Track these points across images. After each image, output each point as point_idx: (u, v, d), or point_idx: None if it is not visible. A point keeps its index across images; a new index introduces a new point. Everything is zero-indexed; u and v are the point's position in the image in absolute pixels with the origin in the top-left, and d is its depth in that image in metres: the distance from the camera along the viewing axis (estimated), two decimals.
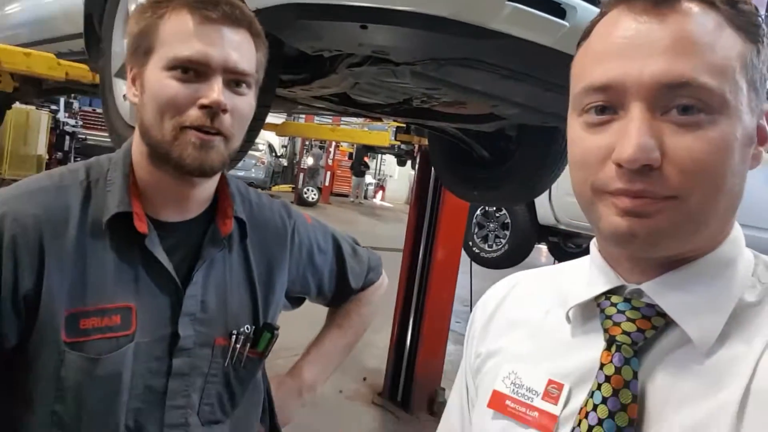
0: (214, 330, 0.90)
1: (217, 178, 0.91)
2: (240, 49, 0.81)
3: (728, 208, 0.53)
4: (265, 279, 0.98)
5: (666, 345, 0.54)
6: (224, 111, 0.79)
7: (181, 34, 0.79)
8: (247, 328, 0.94)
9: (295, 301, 1.12)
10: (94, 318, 0.81)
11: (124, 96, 0.87)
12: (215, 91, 0.78)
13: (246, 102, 0.84)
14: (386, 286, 1.23)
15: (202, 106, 0.78)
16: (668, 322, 0.54)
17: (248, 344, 0.94)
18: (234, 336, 0.92)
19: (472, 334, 0.73)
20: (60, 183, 0.84)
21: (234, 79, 0.81)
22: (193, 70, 0.79)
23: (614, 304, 0.56)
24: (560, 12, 1.27)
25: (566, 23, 1.27)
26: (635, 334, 0.54)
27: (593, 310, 0.59)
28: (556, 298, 0.64)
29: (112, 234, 0.83)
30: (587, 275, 0.61)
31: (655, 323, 0.54)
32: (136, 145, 0.86)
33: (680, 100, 0.49)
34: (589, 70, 0.54)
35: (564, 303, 0.62)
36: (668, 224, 0.50)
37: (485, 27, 1.21)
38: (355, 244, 1.18)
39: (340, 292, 1.14)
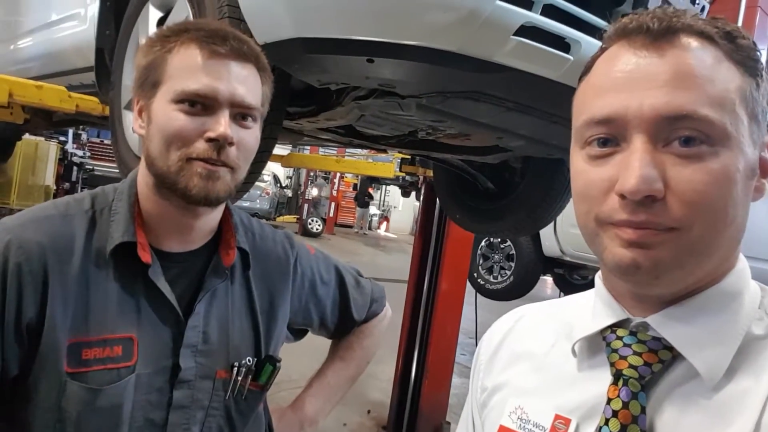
0: (216, 362, 0.90)
1: (221, 209, 0.91)
2: (246, 83, 0.83)
3: (732, 239, 0.53)
4: (267, 310, 0.97)
5: (674, 379, 0.54)
6: (230, 144, 0.80)
7: (189, 68, 0.80)
8: (249, 360, 0.93)
9: (297, 332, 1.11)
10: (96, 348, 0.80)
11: (133, 128, 0.88)
12: (222, 124, 0.79)
13: (252, 135, 0.85)
14: (390, 318, 1.22)
15: (209, 139, 0.79)
16: (675, 356, 0.54)
17: (250, 376, 0.93)
18: (235, 368, 0.91)
19: (478, 367, 0.73)
20: (65, 212, 0.84)
21: (240, 113, 0.82)
22: (200, 104, 0.80)
23: (620, 338, 0.56)
24: (565, 46, 1.28)
25: (571, 57, 1.29)
26: (642, 368, 0.53)
27: (599, 343, 0.58)
28: (562, 331, 0.64)
29: (116, 264, 0.83)
30: (592, 308, 0.61)
31: (662, 357, 0.54)
32: (142, 176, 0.87)
33: (682, 132, 0.50)
34: (590, 103, 0.54)
35: (569, 336, 0.62)
36: (671, 255, 0.50)
37: (490, 60, 1.22)
38: (358, 276, 1.17)
39: (343, 324, 1.13)
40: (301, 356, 1.19)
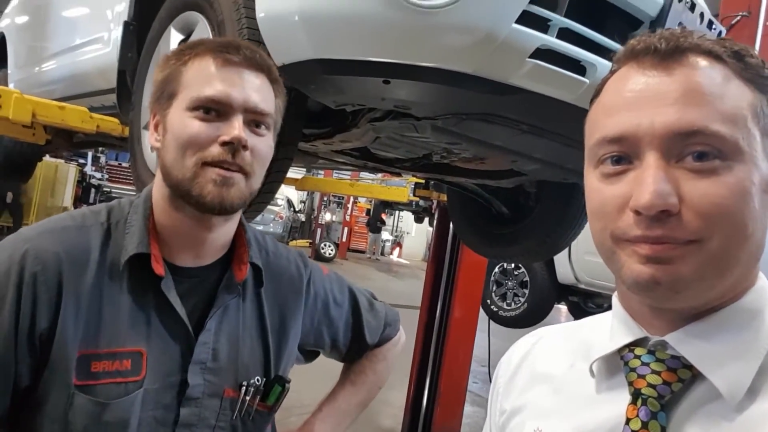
0: (224, 380, 0.89)
1: (234, 223, 0.91)
2: (260, 91, 0.84)
3: (751, 255, 0.52)
4: (278, 329, 0.96)
5: (695, 399, 0.53)
6: (245, 147, 0.81)
7: (203, 76, 0.82)
8: (258, 380, 0.92)
9: (308, 354, 1.09)
10: (105, 361, 0.80)
11: (151, 147, 0.89)
12: (236, 127, 0.81)
13: (265, 142, 0.86)
14: (404, 343, 1.20)
15: (224, 143, 0.80)
16: (695, 375, 0.53)
17: (258, 397, 0.92)
18: (244, 387, 0.90)
19: (497, 390, 0.72)
20: (82, 223, 0.85)
21: (254, 119, 0.84)
22: (214, 110, 0.81)
23: (638, 357, 0.55)
24: (581, 69, 1.29)
25: (586, 80, 1.29)
26: (661, 387, 0.53)
27: (617, 363, 0.57)
28: (580, 352, 0.64)
29: (129, 275, 0.83)
30: (610, 328, 0.60)
31: (681, 376, 0.53)
32: (157, 189, 0.88)
33: (694, 148, 0.50)
34: (602, 123, 0.55)
35: (587, 356, 0.61)
36: (691, 269, 0.50)
37: (506, 83, 1.23)
38: (372, 299, 1.16)
39: (356, 347, 1.12)
40: (312, 381, 1.17)
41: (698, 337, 0.53)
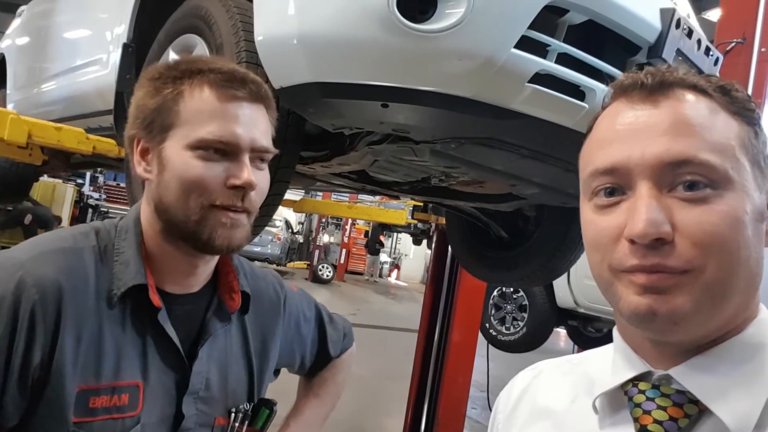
0: (215, 409, 0.87)
1: None
2: (260, 126, 0.81)
3: (747, 285, 0.52)
4: (260, 352, 0.95)
5: None
6: (254, 189, 0.79)
7: (206, 113, 0.78)
8: (246, 406, 0.91)
9: (275, 372, 1.08)
10: (104, 396, 0.76)
11: (136, 171, 0.85)
12: (245, 171, 0.78)
13: (265, 177, 0.84)
14: (355, 352, 1.21)
15: (234, 186, 0.77)
16: (702, 411, 0.52)
17: (246, 422, 0.91)
18: (233, 414, 0.89)
19: (496, 426, 0.72)
20: (74, 245, 0.80)
21: (258, 156, 0.81)
22: (220, 150, 0.78)
23: (642, 391, 0.54)
24: (580, 94, 1.29)
25: (586, 105, 1.29)
26: (668, 423, 0.51)
27: (621, 398, 0.56)
28: (582, 387, 0.63)
29: (124, 306, 0.80)
30: (612, 362, 0.59)
31: (687, 411, 0.52)
32: (147, 220, 0.84)
33: (685, 177, 0.51)
34: (594, 156, 0.56)
35: (590, 391, 0.60)
36: (687, 299, 0.50)
37: (506, 107, 1.22)
38: (329, 311, 1.17)
39: (319, 361, 1.12)
40: (293, 393, 1.16)
41: (703, 370, 0.52)
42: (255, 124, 0.80)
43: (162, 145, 0.79)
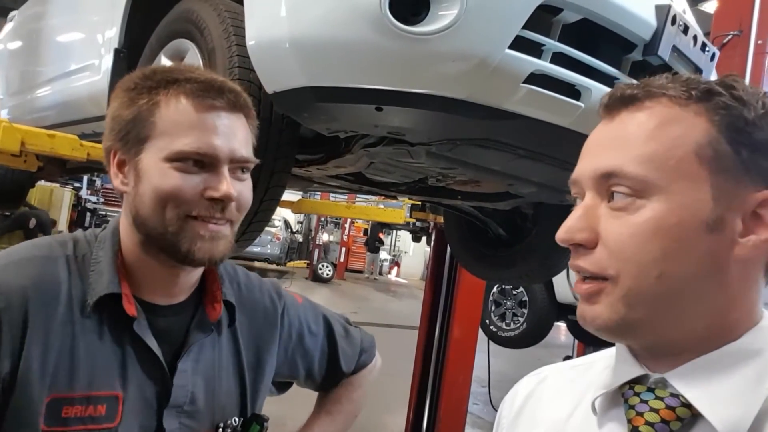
0: (201, 423, 0.85)
1: None
2: (239, 136, 0.80)
3: (705, 294, 0.52)
4: (254, 365, 0.93)
5: None
6: (233, 201, 0.78)
7: (183, 124, 0.76)
8: (235, 421, 0.89)
9: (281, 386, 1.06)
10: (78, 406, 0.75)
11: (114, 184, 0.83)
12: (224, 184, 0.76)
13: (247, 186, 0.82)
14: (380, 368, 1.17)
15: (212, 198, 0.76)
16: (695, 415, 0.52)
17: None
18: (221, 429, 0.87)
19: (500, 431, 0.73)
20: (49, 254, 0.79)
21: (239, 167, 0.80)
22: (198, 161, 0.77)
23: (637, 394, 0.55)
24: (575, 93, 1.28)
25: (581, 104, 1.28)
26: (659, 425, 0.52)
27: (618, 400, 0.57)
28: (585, 392, 0.63)
29: (100, 315, 0.78)
30: (613, 365, 0.61)
31: (680, 414, 0.52)
32: (126, 233, 0.82)
33: (614, 188, 0.54)
34: None
35: (593, 395, 0.61)
36: (604, 307, 0.53)
37: (501, 108, 1.22)
38: (347, 324, 1.13)
39: (331, 376, 1.08)
40: (311, 407, 1.14)
41: (698, 375, 0.53)
42: (234, 135, 0.79)
43: (138, 157, 0.78)
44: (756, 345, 0.53)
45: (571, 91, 1.28)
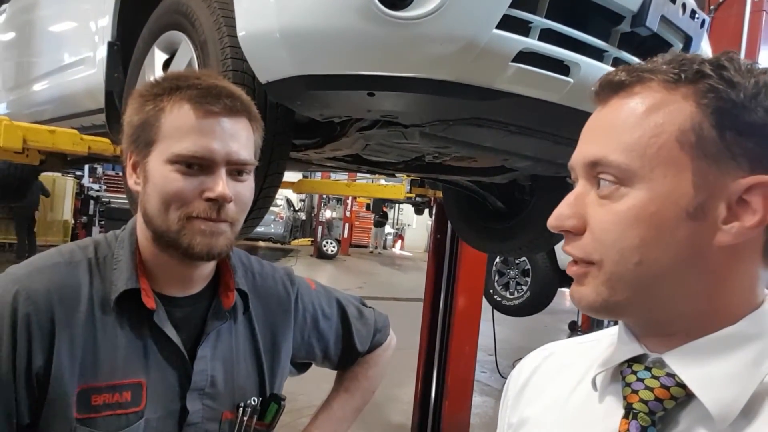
0: (222, 404, 0.91)
1: None
2: (240, 139, 0.83)
3: (684, 280, 0.53)
4: (270, 349, 0.98)
5: (691, 419, 0.53)
6: (228, 202, 0.82)
7: (183, 129, 0.81)
8: (254, 401, 0.94)
9: (300, 366, 1.12)
10: (105, 394, 0.82)
11: (128, 184, 0.89)
12: (220, 185, 0.80)
13: (247, 187, 0.86)
14: (395, 346, 1.23)
15: (208, 199, 0.81)
16: (689, 395, 0.53)
17: (255, 416, 0.95)
18: (241, 409, 0.93)
19: (506, 403, 0.74)
20: (70, 259, 0.86)
21: (236, 169, 0.84)
22: (197, 164, 0.81)
23: (635, 372, 0.56)
24: (564, 69, 1.29)
25: (570, 80, 1.29)
26: (653, 403, 0.54)
27: (618, 378, 0.59)
28: (591, 369, 0.64)
29: (121, 310, 0.84)
30: (616, 343, 0.62)
31: (674, 394, 0.53)
32: (141, 229, 0.88)
33: (600, 176, 0.55)
34: None
35: (595, 371, 0.63)
36: (589, 289, 0.56)
37: (491, 88, 1.23)
38: (361, 306, 1.18)
39: (347, 356, 1.14)
40: (321, 382, 1.20)
41: (694, 357, 0.54)
42: (233, 138, 0.82)
43: (146, 159, 0.84)
44: (753, 329, 0.53)
45: (560, 66, 1.29)
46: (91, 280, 0.85)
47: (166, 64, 1.59)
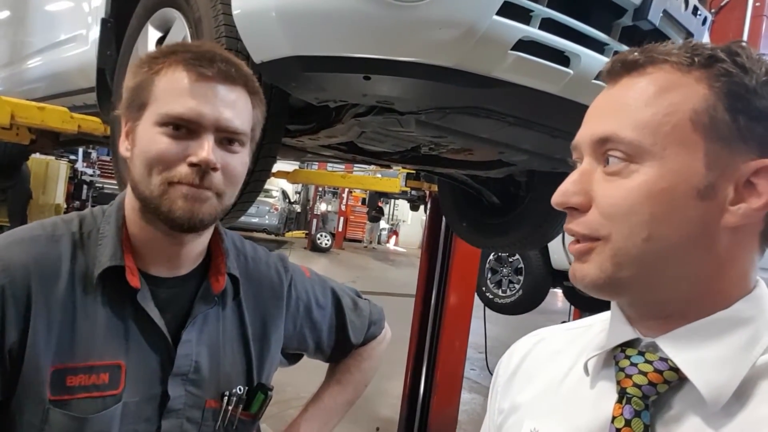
0: (206, 391, 0.87)
1: (209, 234, 0.89)
2: (234, 107, 0.80)
3: (690, 258, 0.53)
4: (259, 336, 0.95)
5: (685, 402, 0.54)
6: (214, 169, 0.78)
7: (174, 91, 0.78)
8: (240, 389, 0.91)
9: (291, 357, 1.08)
10: (81, 375, 0.78)
11: (119, 151, 0.86)
12: (205, 149, 0.77)
13: (238, 160, 0.82)
14: (389, 339, 1.20)
15: (192, 164, 0.77)
16: (682, 378, 0.54)
17: (240, 406, 0.91)
18: (226, 397, 0.89)
19: (496, 389, 0.74)
20: (53, 233, 0.82)
21: (226, 137, 0.80)
22: (184, 127, 0.78)
23: (628, 357, 0.57)
24: (564, 60, 1.27)
25: (570, 71, 1.27)
26: (646, 387, 0.54)
27: (610, 362, 0.59)
28: (581, 354, 0.65)
29: (104, 288, 0.81)
30: (608, 328, 0.62)
31: (667, 377, 0.54)
32: (128, 201, 0.85)
33: (609, 153, 0.55)
34: None
35: (587, 356, 0.63)
36: (593, 266, 0.55)
37: (489, 76, 1.21)
38: (356, 297, 1.15)
39: (340, 348, 1.11)
40: (311, 374, 1.17)
41: (687, 340, 0.54)
42: (226, 105, 0.79)
43: (137, 123, 0.81)
44: (747, 313, 0.54)
45: (560, 57, 1.27)
46: (73, 254, 0.81)
47: (160, 42, 1.56)
